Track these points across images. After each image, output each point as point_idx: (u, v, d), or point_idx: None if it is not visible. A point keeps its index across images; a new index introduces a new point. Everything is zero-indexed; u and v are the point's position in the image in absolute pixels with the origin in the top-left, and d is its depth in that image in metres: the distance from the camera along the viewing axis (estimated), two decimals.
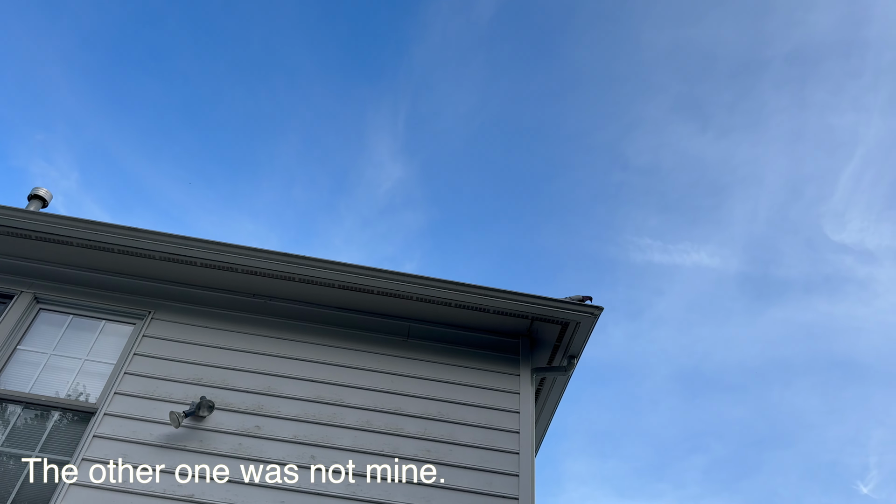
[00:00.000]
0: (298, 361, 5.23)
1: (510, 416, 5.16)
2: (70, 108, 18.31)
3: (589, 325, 5.35)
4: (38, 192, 6.54)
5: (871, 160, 17.30)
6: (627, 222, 20.64)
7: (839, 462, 20.55)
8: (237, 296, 5.51)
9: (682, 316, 20.66)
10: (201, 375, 5.04)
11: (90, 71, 18.10)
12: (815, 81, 17.06)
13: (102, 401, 4.81)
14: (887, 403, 20.35)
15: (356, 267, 5.31)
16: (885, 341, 19.92)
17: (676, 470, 21.63)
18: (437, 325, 5.59)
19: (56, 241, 5.28)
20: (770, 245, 19.34)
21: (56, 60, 17.14)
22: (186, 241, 5.24)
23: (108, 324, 5.28)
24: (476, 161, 20.61)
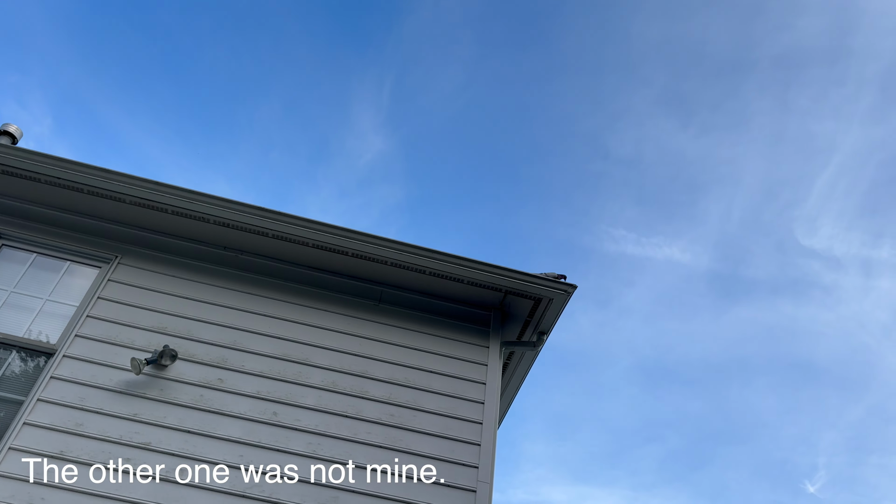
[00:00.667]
0: (267, 318, 5.15)
1: (476, 386, 5.15)
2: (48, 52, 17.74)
3: (561, 303, 5.35)
4: (8, 128, 6.31)
5: (847, 169, 17.57)
6: (604, 212, 20.74)
7: (789, 461, 21.07)
8: (208, 247, 5.40)
9: (649, 308, 20.87)
10: (166, 324, 4.94)
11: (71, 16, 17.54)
12: (799, 86, 17.21)
13: (62, 342, 4.69)
14: (840, 407, 20.88)
15: (332, 227, 5.23)
16: (844, 347, 20.38)
17: (632, 458, 21.99)
18: (410, 291, 5.54)
19: (24, 176, 5.11)
20: (741, 245, 19.60)
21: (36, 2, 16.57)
22: (159, 186, 5.11)
23: (73, 265, 5.15)
24: (458, 139, 20.50)
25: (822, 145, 17.72)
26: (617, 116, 19.14)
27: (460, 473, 4.68)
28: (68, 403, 4.44)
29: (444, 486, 4.59)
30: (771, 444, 21.28)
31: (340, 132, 20.72)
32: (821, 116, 17.36)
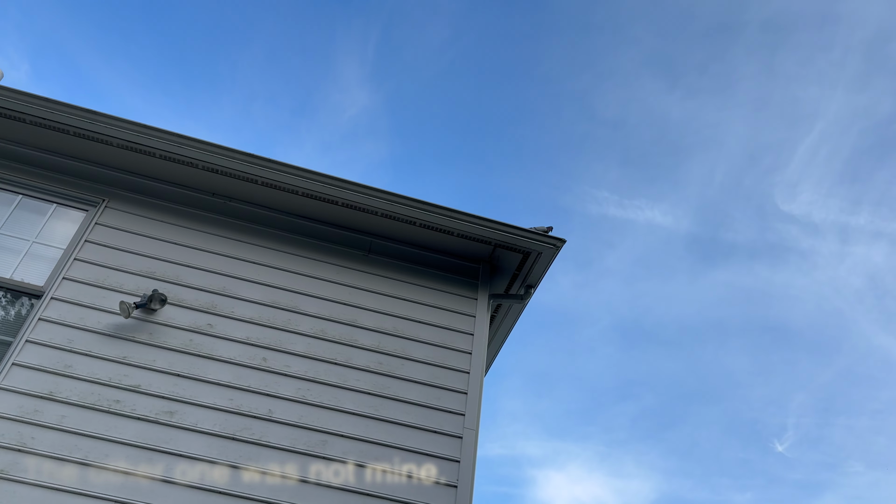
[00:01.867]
0: (255, 265, 5.15)
1: (464, 337, 5.21)
2: None
3: (550, 256, 5.39)
4: None
5: (829, 135, 17.69)
6: (588, 173, 20.79)
7: (759, 421, 21.66)
8: (196, 193, 5.35)
9: (628, 270, 21.11)
10: (154, 269, 4.92)
11: None
12: (785, 51, 17.19)
13: (50, 284, 4.66)
14: (811, 370, 21.42)
15: (322, 175, 5.20)
16: (818, 312, 20.82)
17: (606, 416, 22.50)
18: (400, 243, 5.56)
19: (8, 116, 5.00)
20: (722, 209, 19.79)
21: None
22: (147, 129, 5.03)
23: (60, 208, 5.08)
24: (444, 96, 20.31)
25: (806, 111, 17.81)
26: (604, 77, 19.04)
27: (447, 420, 4.77)
28: (57, 345, 4.43)
29: (431, 432, 4.68)
30: (742, 404, 21.84)
31: (324, 85, 20.42)
32: (806, 82, 17.40)
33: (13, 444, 4.02)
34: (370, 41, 19.02)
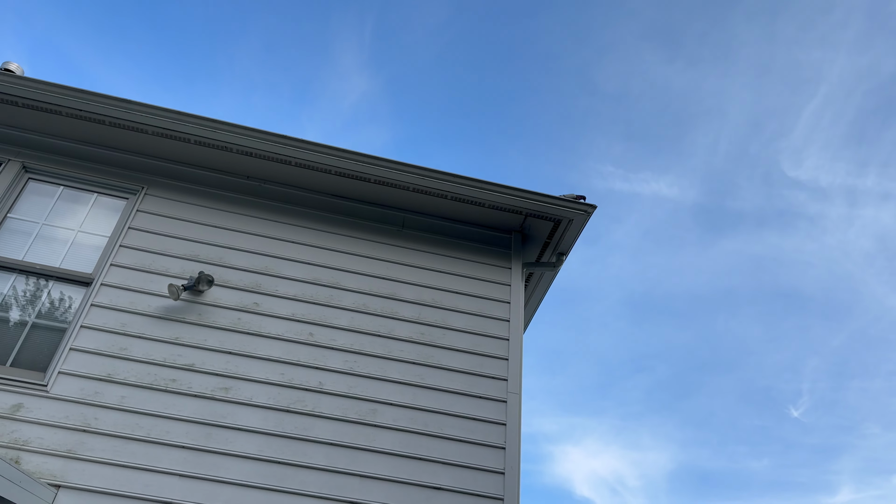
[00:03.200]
0: (295, 244, 5.25)
1: (501, 305, 5.33)
2: None
3: (581, 223, 5.49)
4: (9, 66, 6.22)
5: (833, 98, 17.66)
6: (592, 148, 20.80)
7: (774, 387, 21.83)
8: (232, 177, 5.45)
9: (637, 244, 21.20)
10: (198, 252, 5.03)
11: None
12: (786, 15, 17.11)
13: (98, 271, 4.78)
14: (824, 335, 21.55)
15: (353, 153, 5.29)
16: (829, 276, 20.91)
17: (620, 389, 22.68)
18: (432, 216, 5.65)
19: (44, 109, 5.09)
20: (728, 178, 19.81)
21: None
22: (180, 115, 5.12)
23: (101, 197, 5.19)
24: (443, 78, 20.28)
25: (809, 75, 17.76)
26: (604, 51, 19.00)
27: (491, 386, 4.89)
28: (111, 329, 4.56)
29: (476, 397, 4.81)
30: (756, 372, 22.00)
31: (323, 73, 20.41)
32: (808, 45, 17.34)
33: (78, 425, 4.17)
34: (367, 27, 18.99)
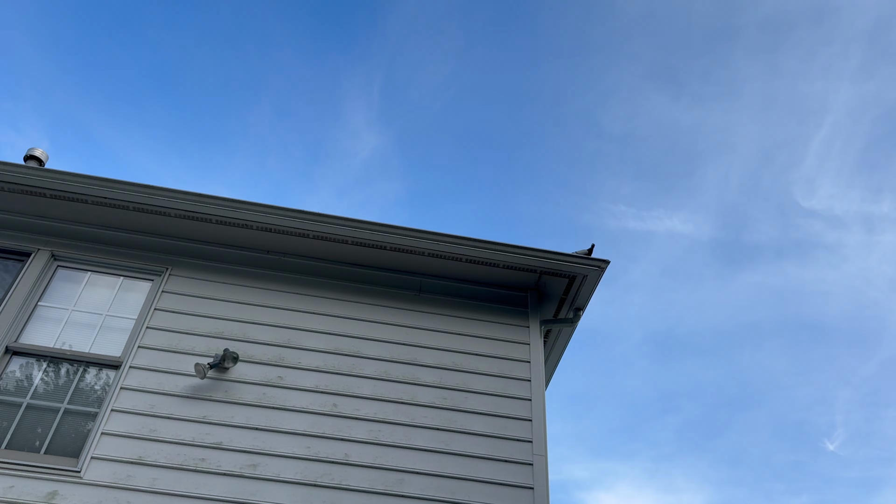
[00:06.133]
0: (315, 315, 5.36)
1: (521, 365, 5.37)
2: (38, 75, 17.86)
3: (595, 278, 5.55)
4: (34, 152, 6.48)
5: (841, 127, 17.70)
6: (602, 189, 20.91)
7: (807, 421, 21.35)
8: (252, 252, 5.61)
9: (655, 281, 21.08)
10: (222, 329, 5.16)
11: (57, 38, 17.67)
12: (786, 48, 17.30)
13: (126, 354, 4.91)
14: (853, 364, 21.13)
15: (368, 223, 5.43)
16: (852, 304, 20.61)
17: (650, 430, 22.29)
18: (449, 279, 5.75)
19: (71, 198, 5.31)
20: (742, 211, 19.77)
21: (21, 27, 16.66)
22: (201, 198, 5.31)
23: (127, 280, 5.36)
24: (452, 129, 20.62)
25: (815, 105, 17.85)
26: (608, 94, 19.25)
27: (516, 448, 4.91)
28: (140, 411, 4.66)
29: (501, 461, 4.82)
30: (787, 406, 21.57)
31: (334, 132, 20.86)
32: (811, 77, 17.47)
33: None
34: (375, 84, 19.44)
